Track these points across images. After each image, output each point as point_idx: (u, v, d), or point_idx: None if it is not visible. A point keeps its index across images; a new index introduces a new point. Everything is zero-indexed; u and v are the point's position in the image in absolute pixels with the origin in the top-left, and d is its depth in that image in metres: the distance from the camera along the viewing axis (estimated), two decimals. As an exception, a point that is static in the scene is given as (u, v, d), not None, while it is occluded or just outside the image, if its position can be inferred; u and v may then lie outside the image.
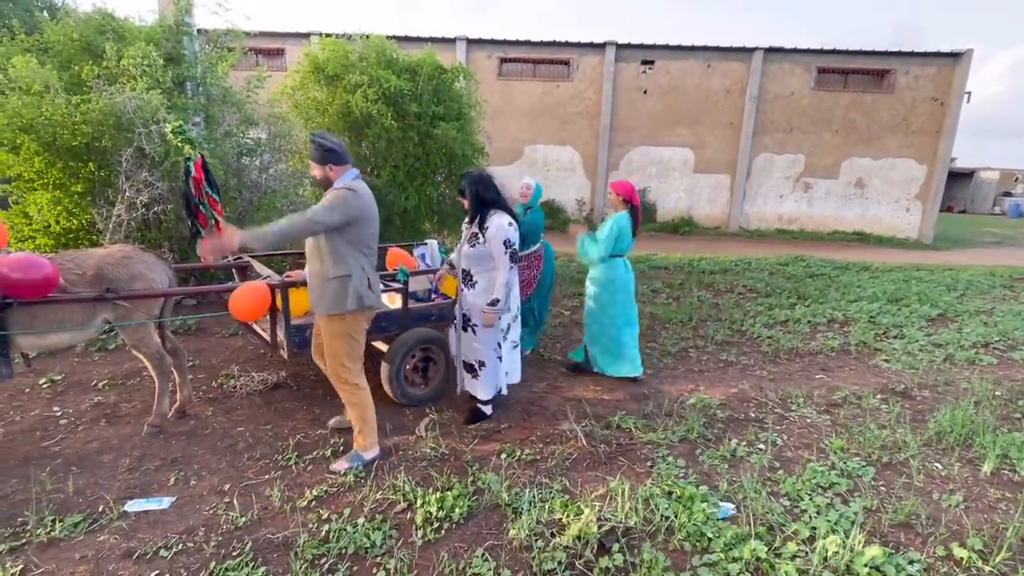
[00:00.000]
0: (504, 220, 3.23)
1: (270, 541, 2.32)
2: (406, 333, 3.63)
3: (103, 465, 2.90)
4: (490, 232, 3.21)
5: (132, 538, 2.32)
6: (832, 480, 2.95)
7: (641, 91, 15.15)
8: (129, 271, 3.04)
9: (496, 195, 3.30)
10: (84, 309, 2.93)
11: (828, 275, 9.23)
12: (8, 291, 2.63)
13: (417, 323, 3.74)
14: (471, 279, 3.35)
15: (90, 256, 3.03)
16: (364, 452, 2.96)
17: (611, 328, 4.31)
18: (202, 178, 4.27)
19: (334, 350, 2.83)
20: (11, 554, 2.20)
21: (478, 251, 3.27)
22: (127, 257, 3.10)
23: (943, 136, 14.64)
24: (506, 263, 3.21)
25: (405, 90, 7.16)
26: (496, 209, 3.28)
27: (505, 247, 3.19)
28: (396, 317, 3.64)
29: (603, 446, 3.25)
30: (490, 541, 2.37)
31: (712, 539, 2.41)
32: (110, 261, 3.02)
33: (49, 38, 5.27)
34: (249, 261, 4.07)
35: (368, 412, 2.93)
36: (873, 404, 4.06)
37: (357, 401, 2.91)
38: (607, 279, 4.29)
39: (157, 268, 3.22)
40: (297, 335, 3.30)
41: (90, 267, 2.95)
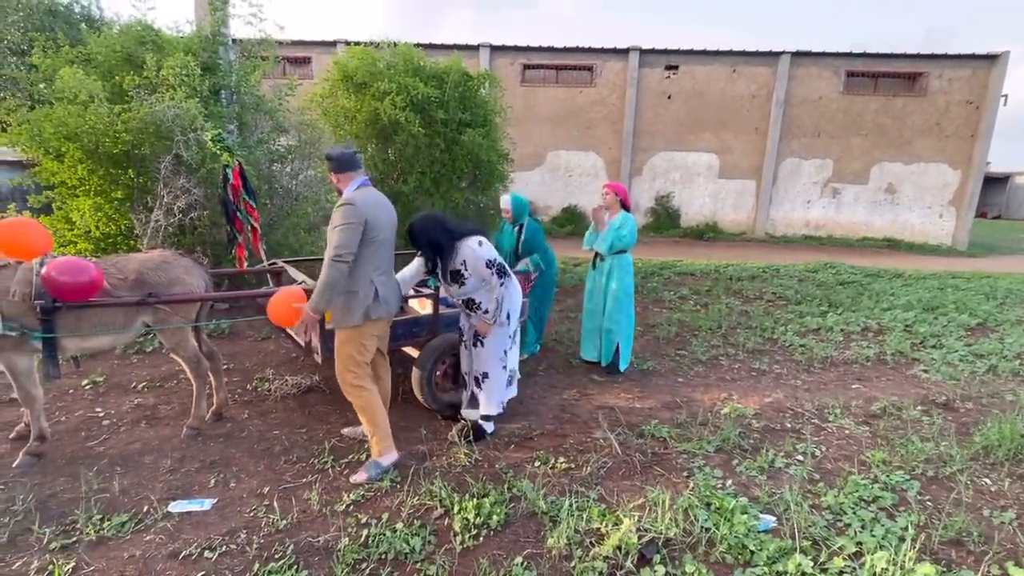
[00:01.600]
0: (471, 244, 3.09)
1: (311, 544, 2.33)
2: (437, 339, 3.63)
3: (145, 466, 2.96)
4: (469, 265, 3.10)
5: (177, 539, 2.36)
6: (876, 494, 2.87)
7: (665, 96, 15.06)
8: (168, 276, 3.11)
9: (443, 230, 3.09)
10: (125, 313, 3.00)
11: (859, 282, 9.02)
12: (56, 294, 2.70)
13: (448, 329, 3.71)
14: (476, 304, 3.25)
15: (131, 261, 3.11)
16: (381, 459, 2.92)
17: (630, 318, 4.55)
18: (239, 185, 4.36)
19: (341, 356, 2.88)
20: (63, 552, 2.25)
21: (471, 284, 3.17)
22: (166, 262, 3.17)
23: (978, 140, 14.26)
24: (496, 281, 3.12)
25: (432, 97, 7.23)
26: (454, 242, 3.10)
27: (489, 267, 3.09)
28: (427, 323, 3.64)
29: (638, 455, 3.21)
30: (529, 549, 2.36)
31: (755, 552, 2.36)
32: (150, 266, 3.09)
33: (92, 49, 5.44)
34: (283, 266, 4.12)
35: (378, 416, 2.90)
36: (914, 416, 3.94)
37: (364, 405, 2.89)
38: (628, 271, 4.55)
39: (195, 273, 3.28)
40: (331, 340, 3.31)
41: (131, 271, 3.02)
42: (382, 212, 2.80)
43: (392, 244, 2.93)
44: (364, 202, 2.70)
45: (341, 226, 2.64)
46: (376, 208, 2.76)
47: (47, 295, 2.70)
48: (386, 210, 2.85)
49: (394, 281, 2.98)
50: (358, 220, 2.65)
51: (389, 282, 2.89)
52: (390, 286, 2.89)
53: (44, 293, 2.70)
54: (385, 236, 2.81)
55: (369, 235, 2.70)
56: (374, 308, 2.79)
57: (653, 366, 4.89)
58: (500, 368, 3.35)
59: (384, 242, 2.82)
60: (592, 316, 4.69)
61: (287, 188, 6.09)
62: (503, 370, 3.37)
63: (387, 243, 2.86)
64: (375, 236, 2.73)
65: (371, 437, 2.93)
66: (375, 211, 2.74)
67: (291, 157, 6.25)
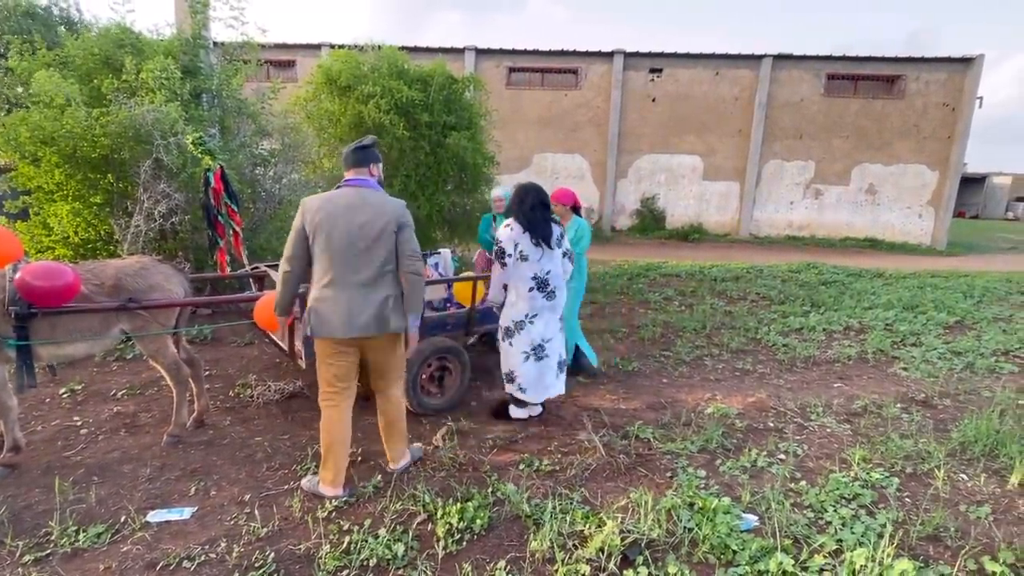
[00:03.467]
0: (504, 223, 3.47)
1: (292, 552, 2.31)
2: (422, 342, 3.58)
3: (124, 475, 2.91)
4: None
5: (155, 549, 2.32)
6: (856, 491, 2.91)
7: (650, 99, 15.18)
8: (147, 282, 3.06)
9: (518, 202, 3.44)
10: (102, 319, 2.95)
11: (841, 282, 9.15)
12: (31, 300, 2.65)
13: (433, 332, 3.73)
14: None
15: (108, 267, 3.05)
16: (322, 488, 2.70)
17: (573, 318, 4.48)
18: (221, 189, 4.30)
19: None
20: (36, 564, 2.21)
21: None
22: (144, 268, 3.12)
23: (955, 141, 14.55)
24: (497, 266, 3.45)
25: (417, 100, 7.22)
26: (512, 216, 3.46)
27: (501, 254, 3.41)
28: None
29: (622, 456, 3.22)
30: (512, 553, 2.35)
31: (737, 551, 2.38)
32: (128, 272, 3.04)
33: (69, 52, 5.36)
34: (265, 271, 4.07)
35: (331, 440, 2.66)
36: (894, 413, 4.00)
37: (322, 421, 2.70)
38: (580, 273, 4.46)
39: (174, 279, 3.24)
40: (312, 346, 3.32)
41: (108, 277, 2.97)
42: (339, 216, 2.44)
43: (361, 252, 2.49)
44: (309, 204, 2.50)
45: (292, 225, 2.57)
46: (328, 212, 2.45)
47: (22, 301, 2.65)
48: (352, 214, 2.46)
49: (355, 297, 2.51)
50: (295, 223, 2.52)
51: (336, 295, 2.50)
52: (333, 301, 2.50)
53: (19, 299, 2.64)
54: (338, 243, 2.45)
55: (313, 240, 2.49)
56: (308, 324, 2.60)
57: (638, 367, 4.92)
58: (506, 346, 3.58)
59: (336, 251, 2.46)
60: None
61: (270, 192, 6.04)
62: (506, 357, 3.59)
63: (342, 251, 2.47)
64: (319, 243, 2.47)
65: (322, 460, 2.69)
66: (323, 214, 2.44)
67: (274, 161, 6.20)
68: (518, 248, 3.38)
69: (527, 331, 3.50)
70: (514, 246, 3.38)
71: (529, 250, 3.39)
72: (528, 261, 3.40)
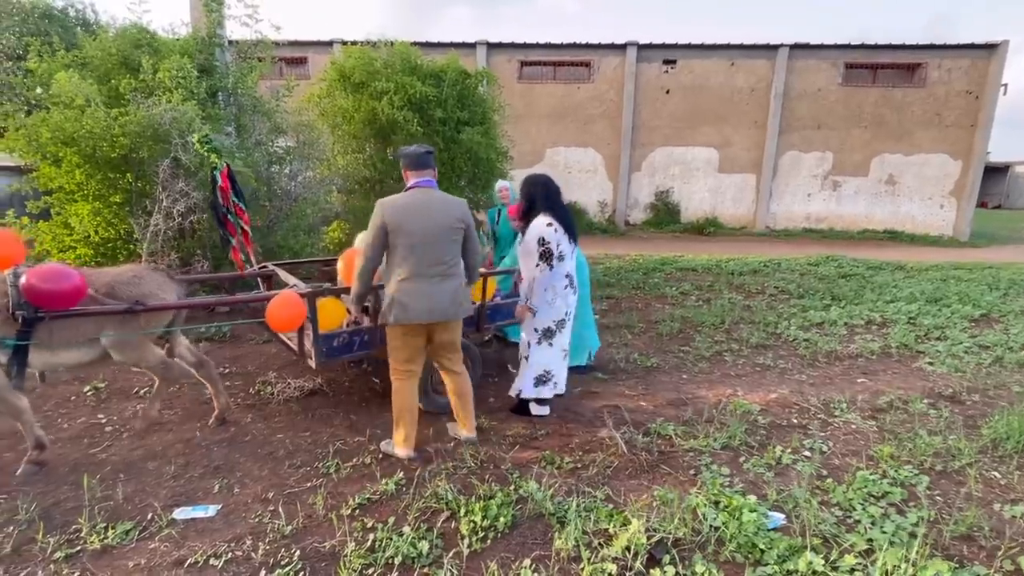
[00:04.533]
0: (543, 220, 3.36)
1: (317, 550, 2.31)
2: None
3: (149, 472, 2.94)
4: (528, 233, 3.42)
5: (182, 546, 2.33)
6: (885, 489, 2.85)
7: (663, 91, 15.01)
8: (140, 290, 3.03)
9: (545, 196, 3.43)
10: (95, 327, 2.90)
11: (861, 275, 9.00)
12: (39, 303, 2.62)
13: None
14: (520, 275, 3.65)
15: (103, 275, 3.04)
16: (395, 448, 3.07)
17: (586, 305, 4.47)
18: (228, 187, 4.24)
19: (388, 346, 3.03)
20: (67, 561, 2.23)
21: (522, 248, 3.48)
22: (138, 277, 3.10)
23: (978, 130, 14.21)
24: (534, 260, 3.36)
25: (430, 96, 7.20)
26: (540, 211, 3.41)
27: (539, 244, 3.33)
28: None
29: (644, 454, 3.19)
30: (537, 551, 2.34)
31: (764, 551, 2.33)
32: (122, 280, 3.03)
33: (87, 53, 5.41)
34: (274, 270, 4.06)
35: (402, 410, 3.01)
36: (921, 409, 3.92)
37: (394, 394, 3.02)
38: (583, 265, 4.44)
39: (168, 287, 3.21)
40: (325, 344, 3.28)
41: (102, 285, 2.95)
42: (418, 215, 2.76)
43: (437, 247, 2.82)
44: (389, 206, 2.76)
45: (368, 230, 2.82)
46: (408, 211, 2.75)
47: (28, 305, 2.62)
48: (429, 213, 2.78)
49: (435, 287, 2.84)
50: (374, 223, 2.77)
51: (418, 287, 2.81)
52: (418, 291, 2.81)
53: (25, 303, 2.62)
54: (418, 239, 2.76)
55: (393, 238, 2.75)
56: (389, 312, 2.83)
57: (657, 363, 4.87)
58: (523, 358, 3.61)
59: (417, 246, 2.77)
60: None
61: (286, 190, 6.06)
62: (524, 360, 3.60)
63: (423, 246, 2.78)
64: (400, 241, 2.75)
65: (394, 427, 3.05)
66: (404, 214, 2.74)
67: (289, 158, 6.22)
68: (559, 248, 3.36)
69: (567, 329, 3.55)
70: (557, 245, 3.35)
71: (566, 249, 3.40)
72: (564, 260, 3.40)
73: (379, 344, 3.37)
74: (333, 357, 3.35)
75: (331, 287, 3.52)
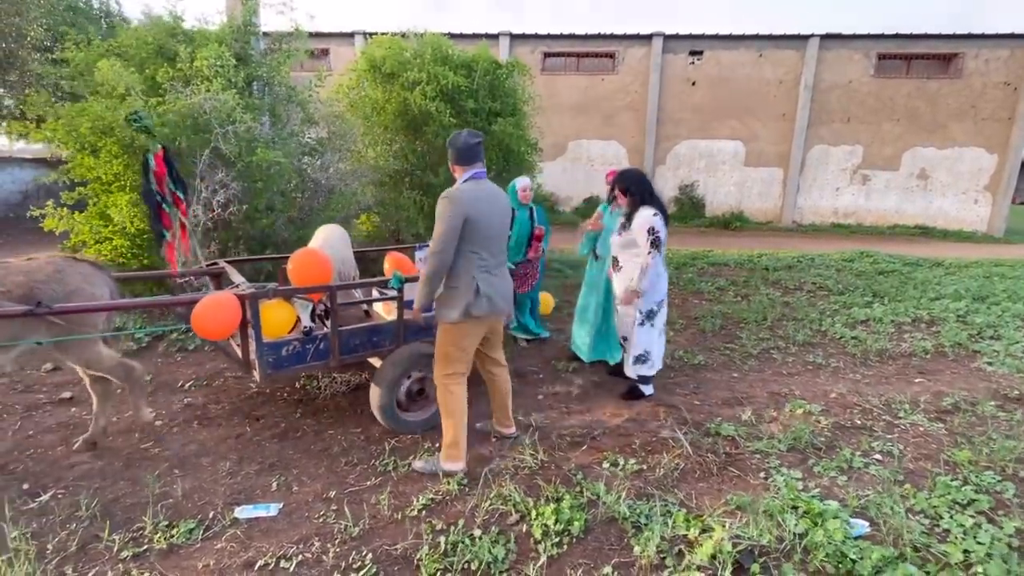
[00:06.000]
0: (650, 212, 3.50)
1: (388, 553, 2.23)
2: (402, 349, 3.19)
3: (204, 468, 2.88)
4: (636, 222, 3.51)
5: (248, 547, 2.26)
6: (970, 496, 2.71)
7: (689, 83, 14.74)
8: (65, 287, 2.64)
9: (650, 191, 3.61)
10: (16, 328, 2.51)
11: (899, 271, 8.75)
12: None
13: (416, 336, 3.31)
14: (618, 264, 3.73)
15: (13, 271, 2.59)
16: (444, 463, 2.83)
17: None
18: (164, 172, 3.59)
19: (438, 350, 2.83)
20: (135, 560, 2.17)
21: (625, 239, 3.60)
22: (60, 271, 2.68)
23: (1016, 123, 13.79)
24: (648, 248, 3.45)
25: (462, 86, 7.07)
26: (647, 204, 3.55)
27: (648, 234, 3.44)
28: (390, 330, 3.23)
29: (710, 455, 3.07)
30: (616, 558, 2.23)
31: (856, 560, 2.21)
32: (40, 277, 2.60)
33: (123, 42, 5.35)
34: (224, 267, 3.60)
35: (457, 418, 2.80)
36: (989, 411, 3.75)
37: (445, 403, 2.81)
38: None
39: (97, 280, 2.81)
40: (271, 354, 2.83)
41: (13, 284, 2.52)
42: (487, 206, 2.66)
43: (503, 238, 2.80)
44: (465, 196, 2.61)
45: (439, 220, 2.61)
46: (479, 202, 2.63)
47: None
48: (494, 203, 2.70)
49: (504, 278, 2.84)
50: (454, 214, 2.57)
51: (496, 279, 2.75)
52: (497, 283, 2.75)
53: None
54: (492, 231, 2.69)
55: (470, 230, 2.61)
56: (475, 305, 2.68)
57: (704, 360, 4.73)
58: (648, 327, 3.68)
59: (491, 238, 2.69)
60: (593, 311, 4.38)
61: (317, 181, 5.97)
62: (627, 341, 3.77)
63: (494, 238, 2.72)
64: (477, 231, 2.63)
65: (444, 436, 2.83)
66: (478, 205, 2.61)
67: (322, 150, 6.13)
68: (663, 235, 3.53)
69: (664, 310, 3.75)
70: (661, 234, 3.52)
71: (664, 234, 3.53)
72: (663, 244, 3.54)
73: (338, 354, 3.02)
74: (281, 369, 2.89)
75: (277, 288, 3.04)
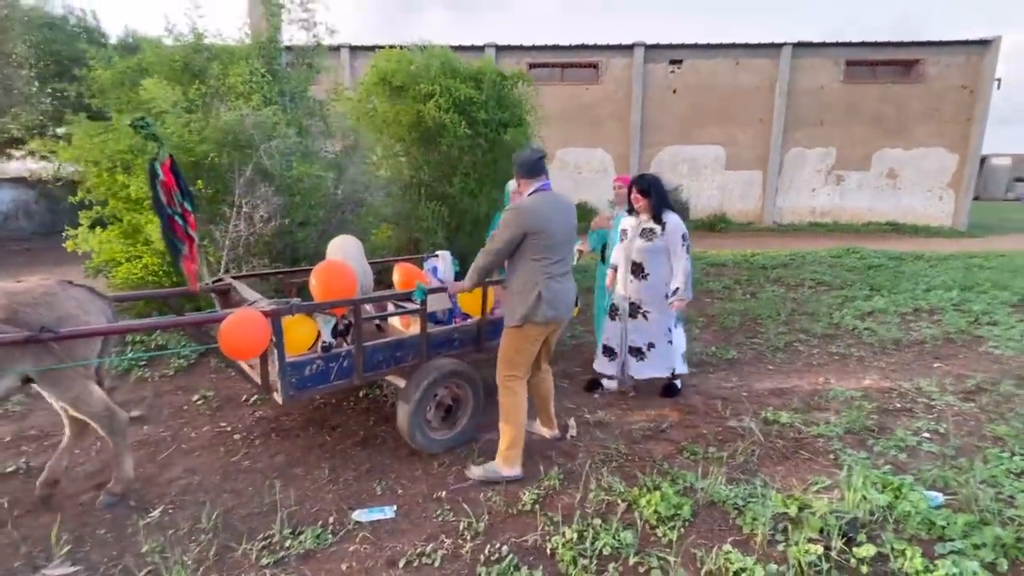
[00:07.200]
0: (677, 217, 3.66)
1: (520, 545, 2.34)
2: (427, 365, 3.10)
3: (300, 478, 2.92)
4: (669, 227, 3.60)
5: (382, 547, 2.34)
6: (1022, 465, 2.97)
7: (671, 91, 15.22)
8: (55, 312, 2.40)
9: (666, 194, 3.73)
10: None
11: (886, 265, 9.24)
12: None
13: (438, 351, 3.24)
14: (643, 271, 3.70)
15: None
16: (501, 468, 2.86)
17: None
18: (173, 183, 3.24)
19: (501, 353, 2.92)
20: (277, 566, 2.22)
21: (655, 244, 3.63)
22: (50, 294, 2.45)
23: (974, 124, 14.69)
24: (684, 254, 3.60)
25: (474, 98, 7.22)
26: (667, 208, 3.60)
27: (683, 240, 3.60)
28: (413, 345, 3.10)
29: (779, 441, 3.27)
30: (731, 537, 2.39)
31: (945, 527, 2.42)
32: (26, 301, 2.37)
33: (147, 59, 5.33)
34: (231, 284, 3.37)
35: (517, 422, 2.86)
36: (1009, 391, 4.07)
37: (508, 406, 2.87)
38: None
39: (91, 307, 2.59)
40: (294, 374, 2.68)
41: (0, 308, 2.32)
42: (553, 213, 2.76)
43: (568, 244, 2.88)
44: (531, 209, 2.72)
45: (501, 228, 2.77)
46: (546, 212, 2.73)
47: None
48: (560, 212, 2.81)
49: (568, 283, 2.92)
50: (518, 226, 2.71)
51: (560, 285, 2.83)
52: (560, 289, 2.83)
53: None
54: (556, 239, 2.78)
55: (537, 240, 2.72)
56: (536, 311, 2.77)
57: (736, 355, 4.96)
58: (666, 341, 3.78)
59: (555, 246, 2.78)
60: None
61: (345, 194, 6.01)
62: (668, 344, 3.80)
63: (560, 246, 2.81)
64: (543, 240, 2.73)
65: (501, 439, 2.89)
66: (544, 215, 2.72)
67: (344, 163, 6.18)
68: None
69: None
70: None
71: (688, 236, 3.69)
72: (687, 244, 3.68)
73: (362, 372, 2.91)
74: (304, 389, 2.75)
75: (301, 303, 2.79)
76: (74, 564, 2.24)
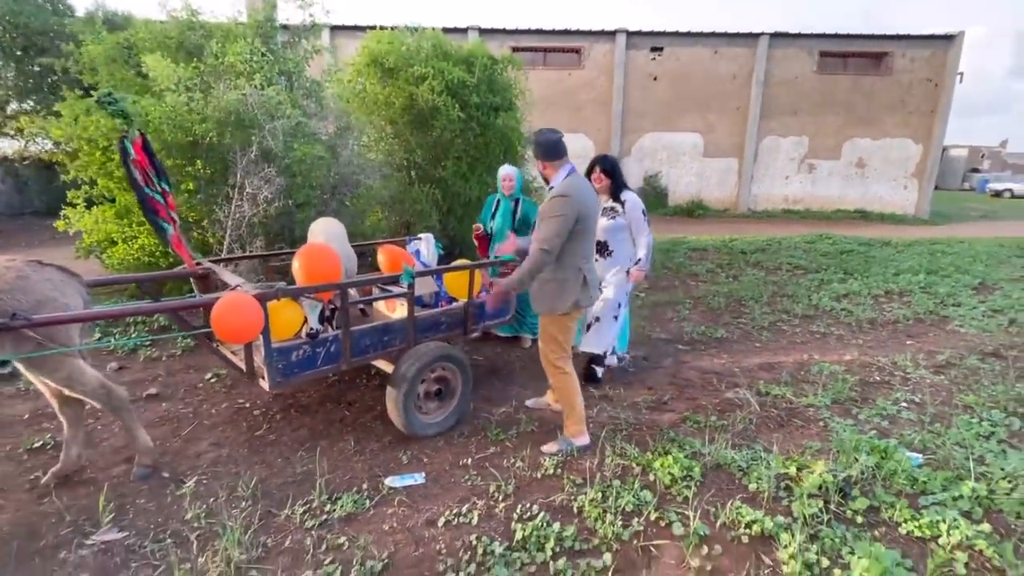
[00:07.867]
0: (634, 194, 3.80)
1: (548, 504, 2.51)
2: (416, 348, 3.07)
3: (327, 449, 3.02)
4: (629, 205, 3.70)
5: (419, 509, 2.48)
6: (989, 429, 3.28)
7: (651, 78, 15.42)
8: (30, 296, 2.30)
9: (619, 177, 3.78)
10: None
11: (857, 251, 9.68)
12: None
13: (427, 334, 3.21)
14: (607, 248, 3.78)
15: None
16: (574, 439, 3.04)
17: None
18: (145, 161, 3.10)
19: (546, 339, 3.00)
20: (322, 528, 2.34)
21: (616, 222, 3.71)
22: (23, 278, 2.33)
23: (938, 116, 15.33)
24: (647, 227, 3.73)
25: (466, 81, 7.26)
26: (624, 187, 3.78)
27: (644, 215, 3.73)
28: (400, 329, 3.06)
29: (773, 411, 3.52)
30: (739, 494, 2.61)
31: (926, 482, 2.69)
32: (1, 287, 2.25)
33: (138, 36, 5.22)
34: (210, 268, 3.29)
35: (575, 398, 3.01)
36: (974, 364, 4.42)
37: (563, 386, 3.02)
38: None
39: (67, 288, 2.49)
40: (281, 359, 2.61)
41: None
42: (588, 198, 2.78)
43: (593, 232, 2.92)
44: (578, 193, 2.70)
45: (553, 217, 2.67)
46: (586, 198, 2.75)
47: None
48: (591, 195, 2.86)
49: (595, 270, 3.03)
50: (571, 213, 2.66)
51: (593, 267, 2.96)
52: (594, 273, 2.96)
53: None
54: (591, 223, 2.83)
55: (580, 225, 2.71)
56: (583, 296, 2.86)
57: (724, 334, 5.22)
58: (611, 317, 3.80)
59: (590, 230, 2.85)
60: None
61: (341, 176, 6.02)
62: (613, 320, 3.81)
63: (593, 231, 2.90)
64: (584, 226, 2.75)
65: (566, 418, 3.07)
66: (586, 201, 2.74)
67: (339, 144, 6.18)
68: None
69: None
70: None
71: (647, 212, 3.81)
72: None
73: (349, 356, 2.86)
74: (291, 375, 2.68)
75: (286, 287, 2.74)
76: (121, 530, 2.32)
